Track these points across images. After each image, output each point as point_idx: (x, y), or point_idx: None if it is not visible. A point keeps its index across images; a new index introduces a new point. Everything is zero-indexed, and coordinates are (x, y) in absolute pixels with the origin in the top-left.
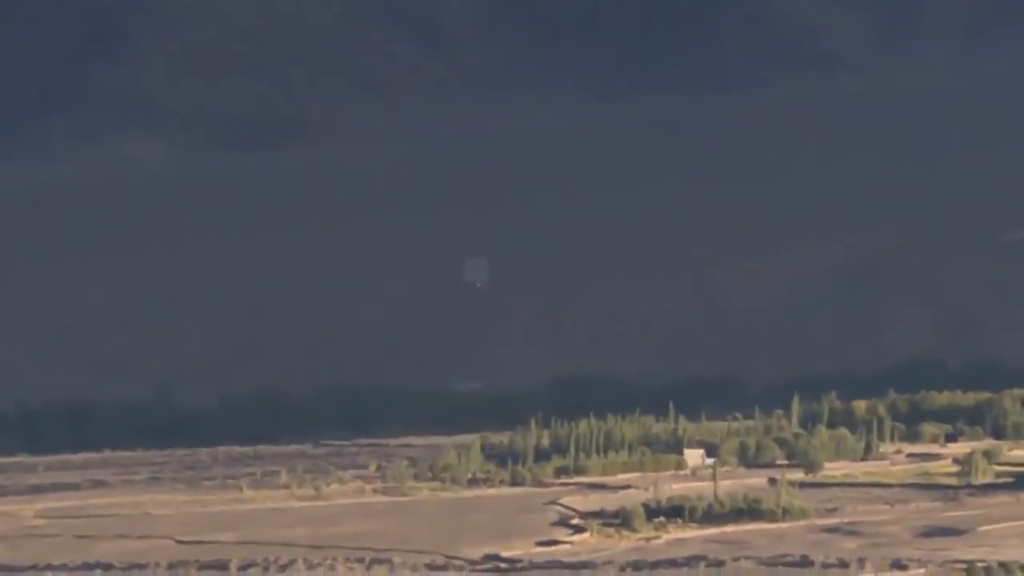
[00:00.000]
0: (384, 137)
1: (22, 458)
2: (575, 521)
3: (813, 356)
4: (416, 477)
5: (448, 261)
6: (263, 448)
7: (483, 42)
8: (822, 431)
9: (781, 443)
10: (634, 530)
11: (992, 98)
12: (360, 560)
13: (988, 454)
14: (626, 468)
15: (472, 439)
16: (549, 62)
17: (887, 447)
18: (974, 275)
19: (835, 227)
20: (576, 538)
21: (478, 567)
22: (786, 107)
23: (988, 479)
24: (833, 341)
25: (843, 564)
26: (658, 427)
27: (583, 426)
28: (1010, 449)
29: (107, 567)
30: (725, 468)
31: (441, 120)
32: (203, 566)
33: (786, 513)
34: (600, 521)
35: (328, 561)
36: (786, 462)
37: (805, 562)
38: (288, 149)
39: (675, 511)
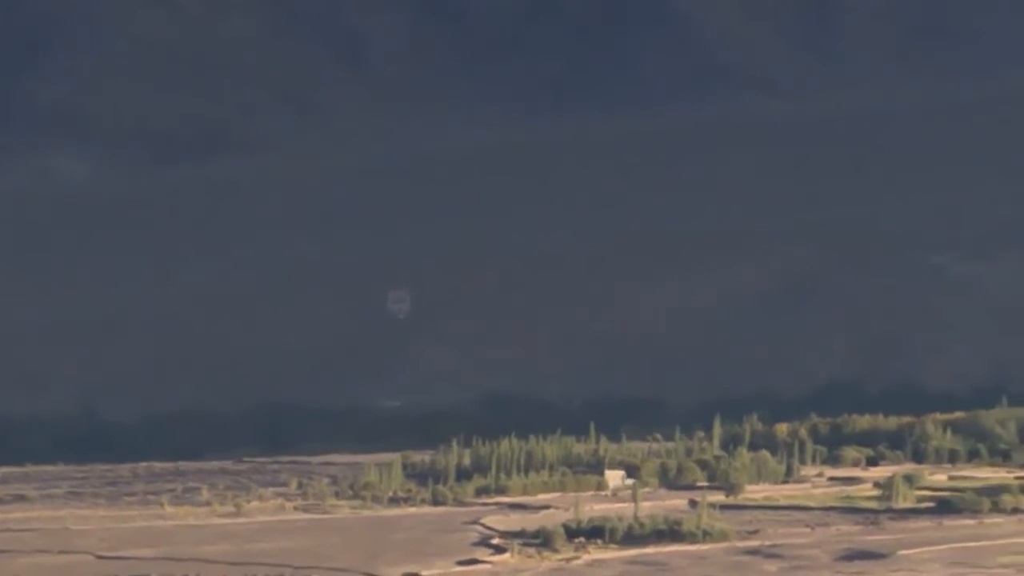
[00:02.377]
0: (309, 153)
1: None
2: (496, 541)
3: (735, 378)
4: (337, 495)
5: (372, 279)
6: (184, 464)
7: (408, 59)
8: (743, 453)
9: (702, 465)
10: (555, 550)
11: (918, 123)
12: None
13: (909, 478)
14: (547, 488)
15: (393, 458)
16: (474, 80)
17: (808, 470)
18: (896, 300)
19: (759, 250)
20: (497, 558)
21: None
22: (712, 128)
23: (909, 503)
24: (755, 363)
25: None
26: (579, 447)
27: (504, 446)
28: (931, 473)
29: None
30: (646, 489)
31: (365, 136)
32: None
33: (707, 535)
34: (521, 541)
35: None
36: (707, 484)
37: None
38: (213, 165)
39: (596, 532)
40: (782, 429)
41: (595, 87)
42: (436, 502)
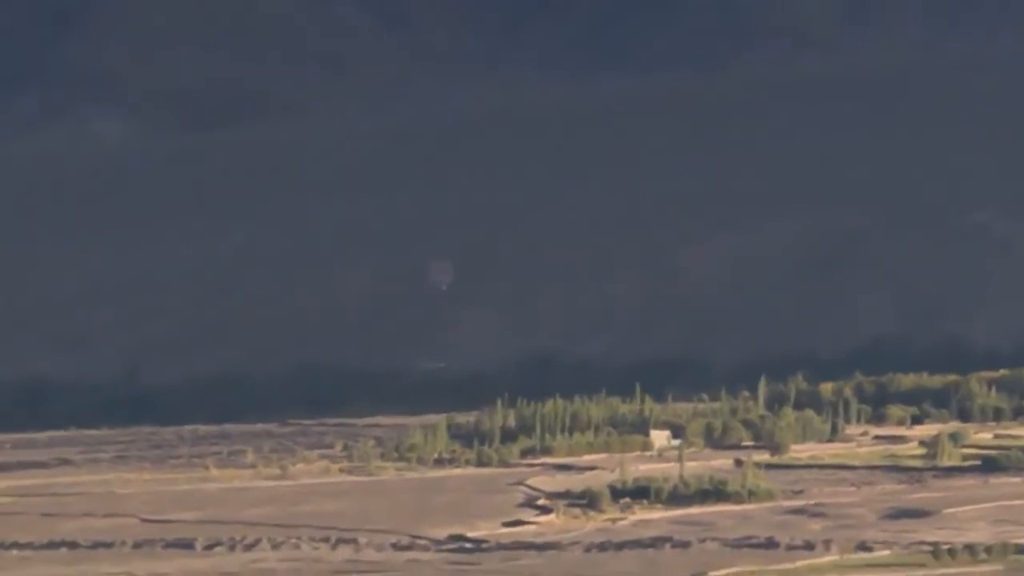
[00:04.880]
0: (346, 115)
1: None
2: (541, 502)
3: (779, 338)
4: (382, 457)
5: (411, 241)
6: (229, 427)
7: (444, 19)
8: (788, 413)
9: (747, 425)
10: (600, 511)
11: (958, 79)
12: (325, 539)
13: (954, 436)
14: (592, 449)
15: (438, 419)
16: (511, 40)
17: (853, 429)
18: (940, 256)
19: (800, 207)
20: (542, 519)
21: (443, 547)
22: (749, 85)
23: (954, 461)
24: (799, 322)
25: (808, 546)
26: (624, 408)
27: (549, 407)
28: (976, 432)
29: (73, 545)
30: (691, 449)
31: (403, 99)
32: (168, 544)
33: (752, 495)
34: (566, 502)
35: (293, 540)
36: (752, 444)
37: (771, 543)
38: (251, 127)
39: (641, 492)
40: (827, 388)
41: (635, 46)
42: (481, 463)
